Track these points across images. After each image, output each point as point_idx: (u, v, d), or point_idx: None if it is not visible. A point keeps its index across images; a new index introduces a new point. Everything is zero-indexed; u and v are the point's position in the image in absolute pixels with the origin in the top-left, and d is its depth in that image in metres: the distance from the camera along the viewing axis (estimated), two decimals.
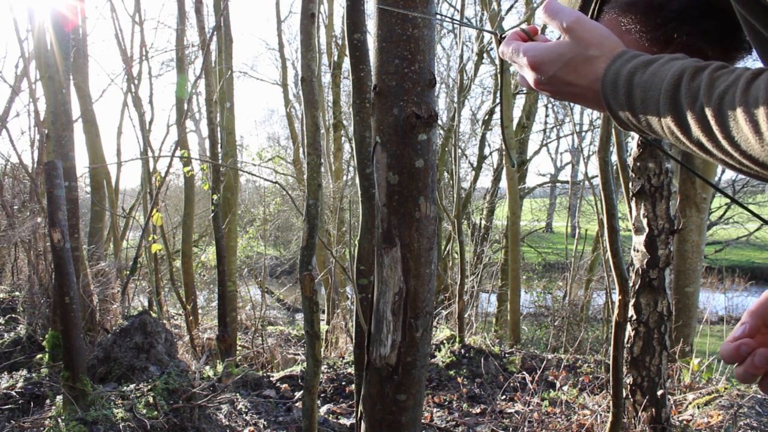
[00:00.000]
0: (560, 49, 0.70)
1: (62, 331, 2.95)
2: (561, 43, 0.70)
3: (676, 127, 0.58)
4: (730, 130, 0.53)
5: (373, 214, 1.81)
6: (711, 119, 0.54)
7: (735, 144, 0.53)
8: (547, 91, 0.74)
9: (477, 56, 12.61)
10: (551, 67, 0.70)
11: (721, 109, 0.53)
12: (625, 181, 3.13)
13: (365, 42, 1.95)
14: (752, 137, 0.51)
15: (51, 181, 2.90)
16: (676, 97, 0.57)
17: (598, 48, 0.68)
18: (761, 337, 0.65)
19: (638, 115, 0.62)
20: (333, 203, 9.49)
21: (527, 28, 0.78)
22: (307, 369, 2.32)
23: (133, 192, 13.85)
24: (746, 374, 0.62)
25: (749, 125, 0.51)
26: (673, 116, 0.58)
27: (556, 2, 0.74)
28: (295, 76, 14.07)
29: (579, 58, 0.68)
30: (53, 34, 3.68)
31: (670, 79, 0.58)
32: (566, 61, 0.69)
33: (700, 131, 0.56)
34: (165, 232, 9.06)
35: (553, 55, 0.70)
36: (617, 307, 2.83)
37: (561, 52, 0.70)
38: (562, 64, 0.69)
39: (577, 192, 11.77)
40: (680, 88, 0.57)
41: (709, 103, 0.54)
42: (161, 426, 2.80)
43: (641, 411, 3.09)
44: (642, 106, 0.61)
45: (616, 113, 0.65)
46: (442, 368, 4.64)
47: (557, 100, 0.77)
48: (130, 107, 8.76)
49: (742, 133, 0.52)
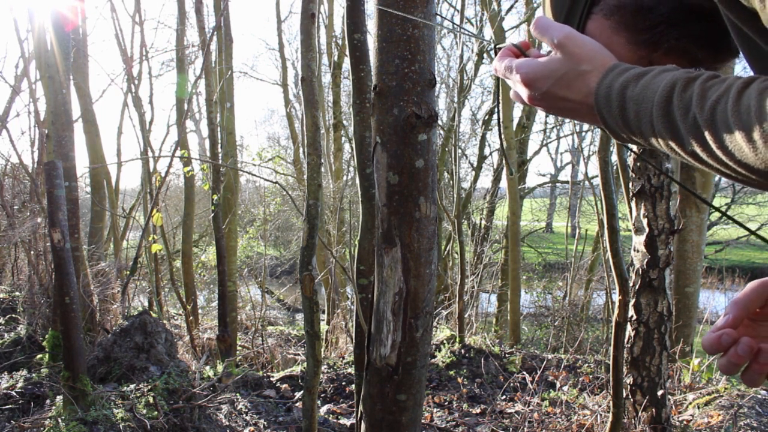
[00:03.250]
0: (552, 65, 0.70)
1: (62, 331, 2.95)
2: (553, 59, 0.71)
3: (671, 139, 0.59)
4: (724, 140, 0.53)
5: (373, 214, 1.81)
6: (704, 130, 0.55)
7: (729, 153, 0.54)
8: (541, 107, 0.74)
9: (477, 56, 12.61)
10: (544, 84, 0.71)
11: (714, 120, 0.54)
12: (625, 181, 3.13)
13: (365, 42, 1.95)
14: (746, 146, 0.51)
15: (51, 181, 2.90)
16: (668, 110, 0.58)
17: (590, 62, 0.68)
18: (744, 329, 0.64)
19: (633, 129, 0.63)
20: (333, 203, 9.49)
21: (519, 43, 0.78)
22: (307, 369, 2.32)
23: (133, 192, 13.86)
24: (729, 365, 0.61)
25: (742, 134, 0.51)
26: (666, 128, 0.58)
27: (546, 18, 0.75)
28: (295, 76, 14.08)
29: (571, 73, 0.68)
30: (53, 34, 3.68)
31: (662, 92, 0.58)
32: (559, 77, 0.69)
33: (694, 142, 0.56)
34: (165, 232, 9.06)
35: (546, 71, 0.70)
36: (617, 307, 2.83)
37: (553, 68, 0.70)
38: (555, 80, 0.70)
39: (577, 192, 11.77)
40: (672, 100, 0.57)
41: (702, 114, 0.55)
42: (161, 426, 2.80)
43: (641, 411, 3.09)
44: (636, 119, 0.61)
45: (612, 127, 0.65)
46: (442, 368, 4.64)
47: (552, 115, 0.78)
48: (130, 107, 8.76)
49: (736, 143, 0.52)
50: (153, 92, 18.44)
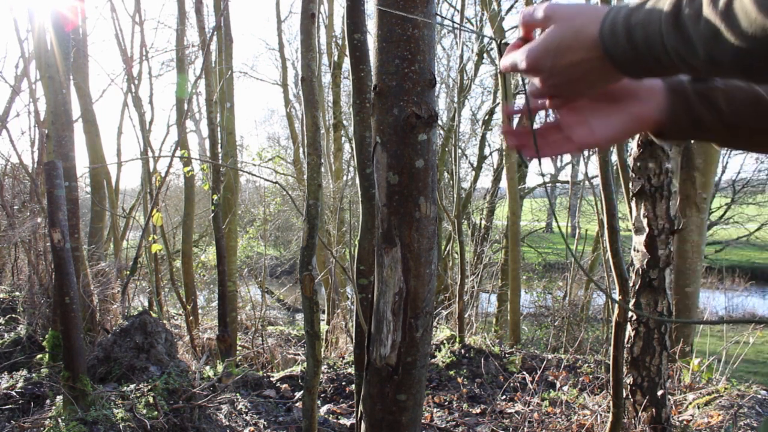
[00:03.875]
0: (547, 38, 0.68)
1: (62, 331, 2.95)
2: (546, 33, 0.68)
3: (683, 51, 0.58)
4: (742, 26, 0.52)
5: (373, 214, 1.81)
6: (719, 23, 0.53)
7: (751, 37, 0.52)
8: (558, 87, 0.71)
9: (477, 56, 12.61)
10: (547, 59, 0.68)
11: (729, 8, 0.52)
12: (625, 181, 3.13)
13: (365, 42, 1.95)
14: (758, 14, 0.50)
15: (51, 181, 2.90)
16: (678, 22, 0.57)
17: (582, 16, 0.66)
18: None
19: (643, 54, 0.62)
20: (333, 203, 9.49)
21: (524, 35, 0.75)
22: (307, 369, 2.32)
23: (133, 192, 13.85)
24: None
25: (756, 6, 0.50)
26: (678, 40, 0.58)
27: (528, 8, 0.72)
28: (295, 76, 14.07)
29: (568, 33, 0.67)
30: (53, 34, 3.68)
31: (669, 7, 0.58)
32: (557, 44, 0.67)
33: (709, 41, 0.55)
34: (165, 232, 9.06)
35: (543, 46, 0.68)
36: (617, 307, 2.83)
37: (549, 39, 0.68)
38: (555, 51, 0.67)
39: (577, 192, 11.77)
40: (681, 11, 0.57)
41: (716, 9, 0.53)
42: (161, 426, 2.80)
43: (641, 411, 3.09)
44: (645, 42, 0.61)
45: (621, 62, 0.64)
46: (442, 368, 4.64)
47: (578, 94, 0.75)
48: (130, 107, 8.76)
49: (758, 21, 0.50)
50: (153, 92, 18.43)
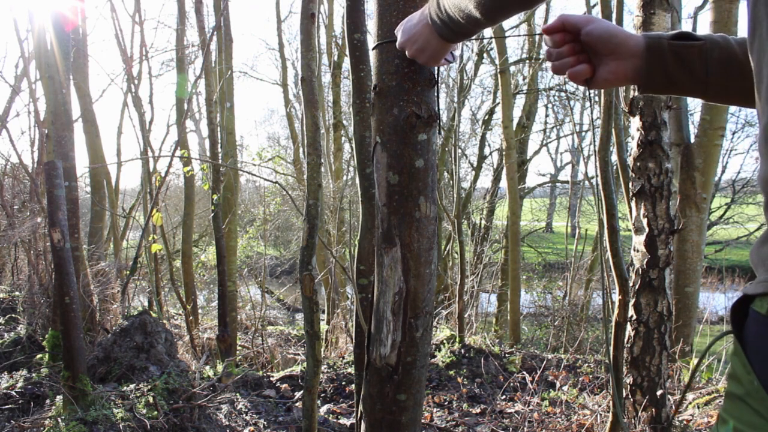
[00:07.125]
0: (403, 35, 1.15)
1: (62, 331, 2.95)
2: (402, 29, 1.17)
3: (467, 15, 0.96)
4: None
5: (373, 214, 1.81)
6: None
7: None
8: (418, 51, 1.14)
9: (477, 56, 12.61)
10: (411, 48, 1.15)
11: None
12: (625, 181, 3.13)
13: (365, 42, 1.95)
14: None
15: (51, 181, 2.90)
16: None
17: (418, 14, 1.12)
18: None
19: (453, 15, 0.99)
20: (333, 203, 9.49)
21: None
22: (307, 369, 2.32)
23: (133, 192, 13.85)
24: None
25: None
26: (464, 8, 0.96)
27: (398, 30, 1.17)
28: (295, 76, 14.07)
29: (410, 26, 1.13)
30: (53, 34, 3.68)
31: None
32: (408, 36, 1.13)
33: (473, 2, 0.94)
34: (165, 232, 9.06)
35: (406, 35, 1.14)
36: (617, 307, 2.83)
37: (407, 32, 1.14)
38: (412, 41, 1.13)
39: (577, 192, 11.77)
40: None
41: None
42: (161, 426, 2.80)
43: (641, 411, 3.09)
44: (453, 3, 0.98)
45: (443, 28, 1.04)
46: (442, 368, 4.64)
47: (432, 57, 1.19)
48: (130, 107, 8.74)
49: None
50: (153, 92, 18.40)
